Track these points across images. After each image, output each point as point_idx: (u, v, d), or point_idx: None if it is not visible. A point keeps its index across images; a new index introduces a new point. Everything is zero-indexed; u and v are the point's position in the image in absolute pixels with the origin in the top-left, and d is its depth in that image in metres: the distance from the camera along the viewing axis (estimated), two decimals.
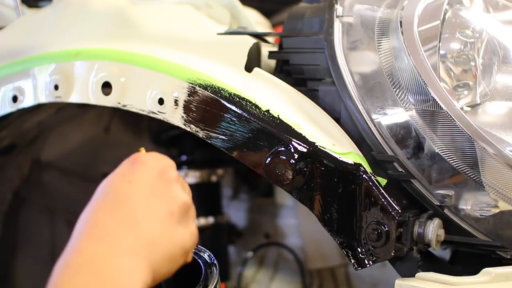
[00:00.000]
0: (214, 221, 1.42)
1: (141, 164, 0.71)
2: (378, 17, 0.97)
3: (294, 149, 0.85)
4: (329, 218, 0.86)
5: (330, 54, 0.94)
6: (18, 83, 1.08)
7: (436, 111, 0.86)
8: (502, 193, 0.86)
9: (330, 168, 0.85)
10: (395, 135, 0.89)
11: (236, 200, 1.69)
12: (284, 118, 0.88)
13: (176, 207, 0.70)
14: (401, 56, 0.90)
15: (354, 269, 0.86)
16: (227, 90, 0.91)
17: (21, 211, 1.50)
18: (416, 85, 0.88)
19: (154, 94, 0.95)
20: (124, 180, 0.69)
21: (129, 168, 0.70)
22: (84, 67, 1.01)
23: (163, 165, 0.73)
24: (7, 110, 1.10)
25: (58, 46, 1.07)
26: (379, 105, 0.90)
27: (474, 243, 0.88)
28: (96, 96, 1.00)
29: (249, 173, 1.61)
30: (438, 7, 0.94)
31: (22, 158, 1.40)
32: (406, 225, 0.84)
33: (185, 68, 0.95)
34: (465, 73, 0.91)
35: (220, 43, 1.00)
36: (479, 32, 0.93)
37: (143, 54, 0.99)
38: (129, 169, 0.70)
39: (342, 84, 0.92)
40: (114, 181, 0.69)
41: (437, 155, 0.87)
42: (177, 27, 1.05)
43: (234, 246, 1.63)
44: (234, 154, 0.91)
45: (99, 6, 1.10)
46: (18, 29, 1.20)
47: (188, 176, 1.41)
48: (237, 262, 1.62)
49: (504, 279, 0.82)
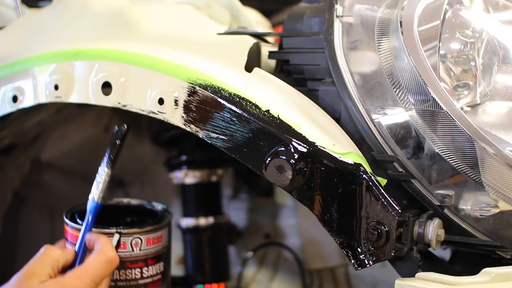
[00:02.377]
0: (214, 221, 1.42)
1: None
2: (378, 17, 0.97)
3: (294, 149, 0.85)
4: (329, 218, 0.86)
5: (330, 54, 0.94)
6: (18, 83, 1.08)
7: (436, 111, 0.86)
8: (502, 193, 0.86)
9: (330, 168, 0.85)
10: (395, 135, 0.89)
11: (236, 200, 1.69)
12: (284, 118, 0.88)
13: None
14: (401, 56, 0.90)
15: (354, 269, 0.86)
16: (227, 90, 0.91)
17: (21, 211, 1.50)
18: (416, 85, 0.88)
19: (154, 94, 0.95)
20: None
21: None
22: (84, 67, 1.01)
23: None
24: (7, 110, 1.10)
25: (58, 46, 1.07)
26: (379, 105, 0.90)
27: (474, 243, 0.88)
28: (96, 96, 1.00)
29: (249, 173, 1.61)
30: (438, 7, 0.94)
31: (22, 158, 1.40)
32: (406, 225, 0.84)
33: (185, 68, 0.95)
34: (465, 73, 0.91)
35: (220, 43, 1.00)
36: (479, 32, 0.93)
37: (143, 54, 0.99)
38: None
39: (342, 84, 0.92)
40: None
41: (437, 155, 0.87)
42: (177, 27, 1.06)
43: (234, 246, 1.63)
44: (234, 154, 0.91)
45: (99, 6, 1.10)
46: (18, 29, 1.20)
47: (188, 176, 1.41)
48: (237, 262, 1.62)
49: (504, 279, 0.82)
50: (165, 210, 1.11)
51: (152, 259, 1.03)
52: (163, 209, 1.11)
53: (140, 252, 1.01)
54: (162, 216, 1.08)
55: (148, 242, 1.02)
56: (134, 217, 1.15)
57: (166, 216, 1.08)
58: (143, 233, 1.01)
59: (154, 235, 1.02)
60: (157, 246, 1.03)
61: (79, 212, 1.06)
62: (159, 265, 1.04)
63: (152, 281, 1.03)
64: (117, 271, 1.00)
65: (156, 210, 1.11)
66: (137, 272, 1.01)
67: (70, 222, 1.02)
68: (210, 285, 1.40)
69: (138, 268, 1.01)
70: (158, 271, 1.04)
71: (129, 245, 1.00)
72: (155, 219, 1.07)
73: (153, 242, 1.02)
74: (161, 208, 1.12)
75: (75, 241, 0.99)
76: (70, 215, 1.05)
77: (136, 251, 1.01)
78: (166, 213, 1.10)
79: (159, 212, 1.11)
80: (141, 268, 1.01)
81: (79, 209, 1.07)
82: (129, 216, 1.15)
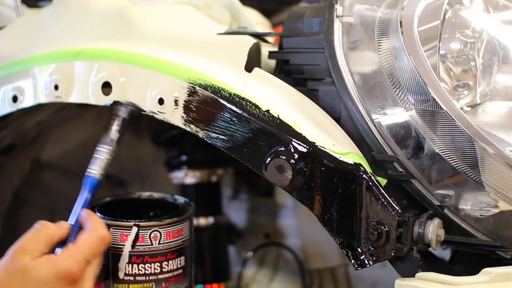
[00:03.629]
0: (214, 221, 1.42)
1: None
2: (378, 17, 0.97)
3: (294, 149, 0.85)
4: (329, 218, 0.86)
5: (330, 54, 0.94)
6: (18, 83, 1.08)
7: (436, 111, 0.86)
8: (502, 193, 0.86)
9: (330, 168, 0.85)
10: (395, 135, 0.89)
11: (236, 200, 1.69)
12: (284, 118, 0.88)
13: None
14: (401, 56, 0.90)
15: (354, 269, 0.86)
16: (227, 90, 0.91)
17: (21, 211, 1.50)
18: (416, 85, 0.88)
19: (154, 94, 0.95)
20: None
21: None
22: (84, 67, 1.01)
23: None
24: (7, 110, 1.10)
25: (58, 46, 1.07)
26: (379, 105, 0.90)
27: (474, 243, 0.89)
28: (96, 96, 1.00)
29: (249, 173, 1.61)
30: (438, 7, 0.94)
31: (22, 158, 1.40)
32: (406, 225, 0.84)
33: (185, 68, 0.95)
34: (465, 73, 0.91)
35: (220, 43, 1.00)
36: (479, 32, 0.93)
37: (143, 54, 0.99)
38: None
39: (342, 84, 0.92)
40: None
41: (437, 155, 0.87)
42: (177, 27, 1.06)
43: (234, 246, 1.63)
44: (234, 154, 0.91)
45: (99, 6, 1.10)
46: (18, 29, 1.20)
47: (188, 176, 1.41)
48: (237, 262, 1.62)
49: (504, 279, 0.82)
50: (187, 203, 1.08)
51: (172, 253, 1.00)
52: (185, 202, 1.09)
53: (159, 245, 0.98)
54: (184, 209, 1.05)
55: (168, 235, 0.99)
56: (156, 210, 1.13)
57: (188, 209, 1.05)
58: (163, 226, 0.98)
59: (174, 228, 0.99)
60: (177, 240, 1.00)
61: (99, 206, 1.05)
62: (179, 260, 1.01)
63: (173, 275, 1.00)
64: (136, 265, 0.97)
65: (178, 203, 1.09)
66: (157, 267, 0.98)
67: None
68: (210, 285, 1.40)
69: (158, 262, 0.98)
70: (178, 265, 1.01)
71: (147, 238, 0.97)
72: (176, 211, 1.04)
73: (173, 236, 0.99)
74: (183, 201, 1.09)
75: None
76: (89, 209, 1.02)
77: (155, 245, 0.98)
78: (188, 206, 1.07)
79: (181, 205, 1.07)
80: (160, 262, 0.98)
81: (99, 203, 1.06)
82: (151, 210, 1.13)
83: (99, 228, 0.90)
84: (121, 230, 0.97)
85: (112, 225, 0.97)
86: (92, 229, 0.90)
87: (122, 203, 1.12)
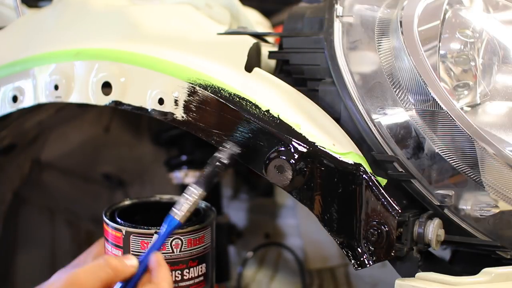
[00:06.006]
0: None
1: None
2: (378, 17, 0.97)
3: (294, 149, 0.85)
4: (329, 218, 0.86)
5: (330, 54, 0.94)
6: (18, 83, 1.08)
7: (436, 111, 0.86)
8: (502, 193, 0.86)
9: (330, 168, 0.85)
10: (395, 135, 0.89)
11: (236, 200, 1.69)
12: (284, 118, 0.88)
13: None
14: (401, 56, 0.90)
15: (354, 269, 0.86)
16: (227, 90, 0.91)
17: (21, 211, 1.50)
18: (416, 85, 0.88)
19: (154, 94, 0.95)
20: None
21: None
22: (84, 67, 1.01)
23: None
24: (7, 110, 1.10)
25: (58, 46, 1.07)
26: (379, 105, 0.90)
27: (474, 243, 0.88)
28: (96, 96, 1.00)
29: (249, 173, 1.61)
30: (438, 7, 0.94)
31: (22, 158, 1.40)
32: (406, 225, 0.84)
33: (185, 68, 0.95)
34: (465, 73, 0.91)
35: (220, 43, 1.00)
36: (479, 32, 0.93)
37: (143, 54, 0.99)
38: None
39: (342, 84, 0.92)
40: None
41: (437, 155, 0.87)
42: (177, 27, 1.06)
43: (234, 246, 1.63)
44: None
45: (99, 6, 1.10)
46: (18, 29, 1.20)
47: (188, 176, 1.41)
48: (237, 262, 1.62)
49: (504, 279, 0.82)
50: (209, 208, 1.05)
51: (194, 260, 0.98)
52: (207, 207, 1.06)
53: (180, 253, 0.96)
54: (205, 215, 1.03)
55: (189, 243, 0.97)
56: None
57: (210, 214, 1.03)
58: (184, 234, 0.96)
59: (195, 236, 0.97)
60: (199, 247, 0.98)
61: (119, 210, 1.03)
62: (201, 267, 0.99)
63: (194, 283, 0.98)
64: None
65: (199, 207, 1.05)
66: (178, 274, 0.96)
67: (111, 222, 0.98)
68: None
69: (179, 270, 0.96)
70: (200, 273, 0.99)
71: (169, 246, 0.95)
72: (197, 218, 1.01)
73: (194, 243, 0.97)
74: (204, 205, 1.06)
75: (116, 242, 0.96)
76: (109, 214, 1.01)
77: (176, 253, 0.96)
78: (210, 211, 1.04)
79: (202, 210, 1.05)
80: (181, 270, 0.97)
81: (119, 207, 1.05)
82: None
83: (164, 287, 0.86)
84: (142, 237, 0.95)
85: (133, 233, 0.96)
86: (158, 285, 0.85)
87: (142, 207, 1.10)
